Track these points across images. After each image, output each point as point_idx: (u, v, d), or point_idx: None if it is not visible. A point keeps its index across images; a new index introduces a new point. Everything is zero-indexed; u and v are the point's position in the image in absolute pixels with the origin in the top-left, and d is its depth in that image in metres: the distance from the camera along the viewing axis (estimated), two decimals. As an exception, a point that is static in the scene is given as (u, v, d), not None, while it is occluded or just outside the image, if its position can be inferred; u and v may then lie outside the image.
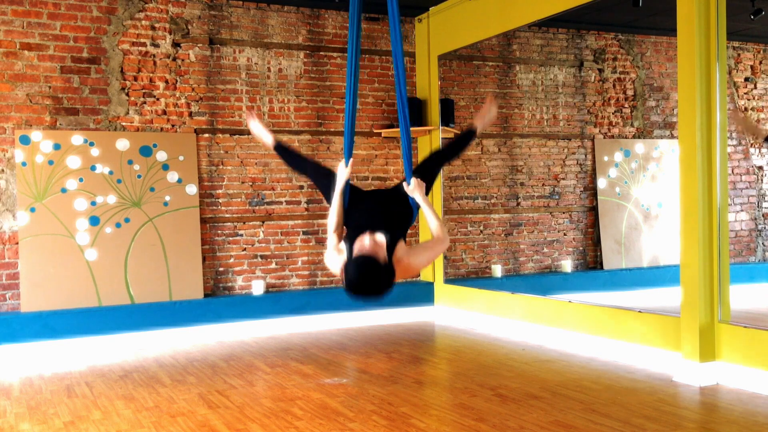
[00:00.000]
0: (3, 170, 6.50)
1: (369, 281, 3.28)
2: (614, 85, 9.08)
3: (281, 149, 4.29)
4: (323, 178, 4.00)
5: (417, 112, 7.85)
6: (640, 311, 5.52)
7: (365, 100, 7.91)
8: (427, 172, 4.09)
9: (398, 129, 5.58)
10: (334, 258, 3.57)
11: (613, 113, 9.07)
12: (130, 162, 6.87)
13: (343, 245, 3.56)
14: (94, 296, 6.65)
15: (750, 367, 4.64)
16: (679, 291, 5.02)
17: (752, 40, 9.56)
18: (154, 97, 7.04)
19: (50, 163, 6.57)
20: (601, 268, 8.78)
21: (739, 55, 9.61)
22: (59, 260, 6.55)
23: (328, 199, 3.89)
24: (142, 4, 6.99)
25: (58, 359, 6.14)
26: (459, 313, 7.58)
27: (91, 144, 6.73)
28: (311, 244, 7.67)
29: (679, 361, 4.98)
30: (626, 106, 9.14)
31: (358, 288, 3.30)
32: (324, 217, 7.72)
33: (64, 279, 6.55)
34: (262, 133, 4.34)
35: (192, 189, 7.10)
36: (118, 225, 6.78)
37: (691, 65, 4.91)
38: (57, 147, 6.60)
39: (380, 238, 3.42)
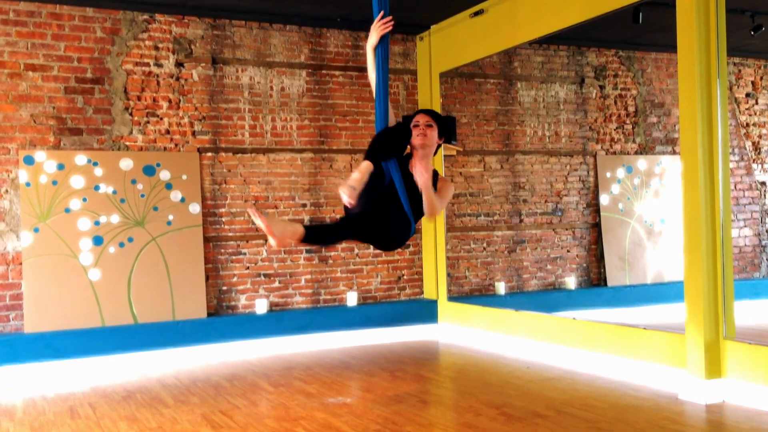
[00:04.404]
0: (7, 191, 6.52)
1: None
2: (615, 102, 9.10)
3: (312, 235, 3.61)
4: (356, 222, 3.75)
5: (419, 130, 7.85)
6: (644, 328, 5.50)
7: (368, 118, 7.93)
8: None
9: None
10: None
11: (614, 129, 9.09)
12: (134, 181, 6.89)
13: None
14: (98, 316, 6.64)
15: (757, 384, 4.61)
16: (683, 307, 5.00)
17: (753, 56, 9.60)
18: (158, 116, 7.07)
19: (54, 183, 6.59)
20: (605, 284, 8.76)
21: (740, 70, 9.64)
22: (63, 280, 6.55)
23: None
24: (146, 25, 7.04)
25: (62, 380, 6.12)
26: (463, 331, 7.55)
27: (95, 164, 6.76)
28: (314, 262, 7.67)
29: (684, 379, 4.95)
30: (628, 122, 9.16)
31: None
32: (327, 235, 7.70)
33: (67, 299, 6.55)
34: (284, 230, 3.43)
35: (195, 208, 7.11)
36: (121, 245, 6.79)
37: (691, 81, 4.93)
38: (61, 167, 6.63)
39: None
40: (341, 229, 3.77)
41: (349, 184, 3.52)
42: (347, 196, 3.50)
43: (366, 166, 3.60)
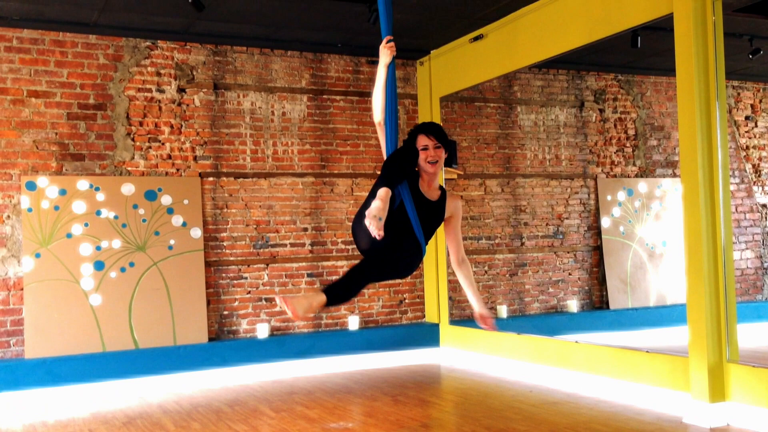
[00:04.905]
0: (9, 216, 6.53)
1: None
2: (615, 125, 9.14)
3: (334, 296, 3.57)
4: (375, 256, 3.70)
5: (420, 154, 7.88)
6: (647, 351, 5.48)
7: (369, 143, 7.97)
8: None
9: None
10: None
11: (614, 152, 9.12)
12: (135, 206, 6.90)
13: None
14: (99, 341, 6.62)
15: (761, 407, 4.58)
16: (686, 330, 4.99)
17: (752, 79, 9.65)
18: (159, 141, 7.10)
19: (56, 208, 6.61)
20: (607, 307, 8.73)
21: (738, 94, 9.69)
22: (64, 306, 6.54)
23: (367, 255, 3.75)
24: (148, 52, 7.10)
25: (62, 406, 6.09)
26: (465, 355, 7.52)
27: (97, 189, 6.78)
28: (316, 286, 7.66)
29: (688, 402, 4.92)
30: (628, 145, 9.19)
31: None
32: (328, 259, 7.72)
33: (68, 324, 6.53)
34: (308, 306, 3.47)
35: (196, 232, 7.11)
36: (122, 269, 6.78)
37: (691, 105, 4.95)
38: (63, 192, 6.65)
39: None
40: (361, 272, 3.64)
41: (374, 215, 3.36)
42: (376, 229, 3.35)
43: (386, 194, 3.46)
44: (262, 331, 7.25)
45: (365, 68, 8.01)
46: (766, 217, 9.71)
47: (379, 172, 8.36)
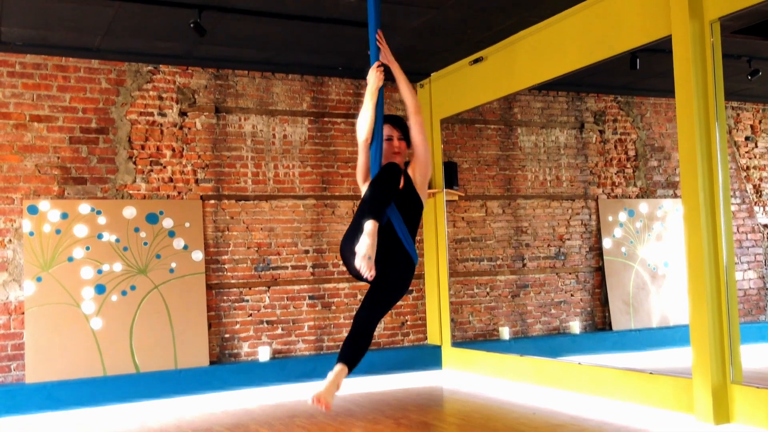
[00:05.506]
0: (11, 240, 6.54)
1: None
2: (615, 146, 9.17)
3: (353, 359, 3.75)
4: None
5: (421, 176, 7.91)
6: (651, 373, 5.45)
7: (369, 165, 7.98)
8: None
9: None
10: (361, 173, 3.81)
11: (615, 173, 9.13)
12: (137, 229, 6.91)
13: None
14: (99, 365, 6.60)
15: (766, 429, 4.54)
16: (689, 351, 4.96)
17: (751, 100, 9.69)
18: (161, 165, 7.12)
19: (57, 232, 6.61)
20: (610, 329, 8.70)
21: (738, 114, 9.72)
22: (65, 330, 6.52)
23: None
24: (150, 76, 7.15)
25: (63, 431, 6.05)
26: (467, 377, 7.48)
27: (98, 212, 6.79)
28: (317, 308, 7.64)
29: (693, 424, 4.88)
30: (628, 166, 9.21)
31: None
32: (329, 281, 7.71)
33: (69, 349, 6.51)
34: (336, 388, 3.66)
35: (198, 255, 7.11)
36: (123, 293, 6.78)
37: (690, 126, 4.97)
38: (64, 216, 6.66)
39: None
40: (365, 317, 3.63)
41: (365, 254, 3.28)
42: (368, 269, 3.29)
43: (374, 228, 3.36)
44: (264, 354, 7.22)
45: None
46: (767, 238, 9.70)
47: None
